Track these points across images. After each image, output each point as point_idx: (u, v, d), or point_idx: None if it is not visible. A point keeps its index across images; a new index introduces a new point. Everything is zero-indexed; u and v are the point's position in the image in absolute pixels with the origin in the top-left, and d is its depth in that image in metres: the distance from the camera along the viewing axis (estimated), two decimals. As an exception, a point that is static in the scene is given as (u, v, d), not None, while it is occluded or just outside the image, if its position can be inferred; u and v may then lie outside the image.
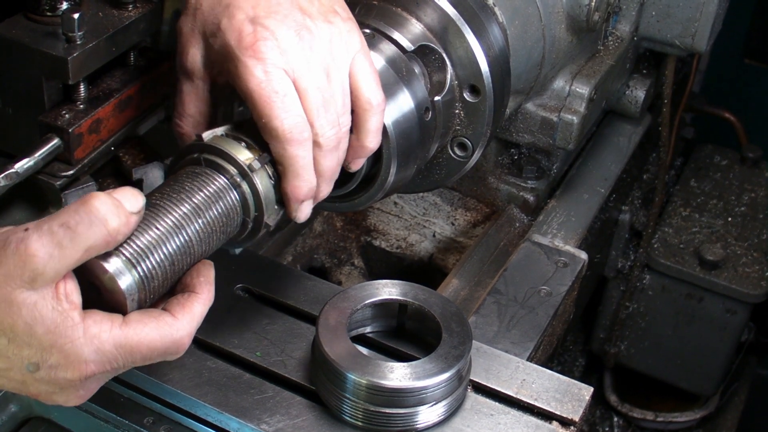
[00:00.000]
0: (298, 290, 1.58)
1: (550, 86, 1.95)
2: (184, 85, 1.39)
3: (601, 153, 2.27)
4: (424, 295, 1.46)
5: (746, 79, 3.31)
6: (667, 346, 2.80)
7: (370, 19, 1.56)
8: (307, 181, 1.31)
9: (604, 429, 3.01)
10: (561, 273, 1.76)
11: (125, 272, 1.14)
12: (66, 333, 1.10)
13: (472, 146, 1.65)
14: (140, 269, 1.15)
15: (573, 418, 1.40)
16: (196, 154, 1.28)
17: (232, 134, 1.31)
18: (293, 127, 1.27)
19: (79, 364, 1.12)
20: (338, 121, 1.32)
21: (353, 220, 2.20)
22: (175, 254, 1.19)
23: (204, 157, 1.27)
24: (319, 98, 1.30)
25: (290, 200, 1.32)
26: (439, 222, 2.15)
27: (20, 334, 1.09)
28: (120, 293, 1.14)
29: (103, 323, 1.13)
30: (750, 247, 2.70)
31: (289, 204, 1.33)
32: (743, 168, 2.97)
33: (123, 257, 1.14)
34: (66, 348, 1.10)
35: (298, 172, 1.30)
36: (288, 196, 1.32)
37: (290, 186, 1.31)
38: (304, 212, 1.35)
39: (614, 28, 2.14)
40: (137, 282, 1.15)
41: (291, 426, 1.36)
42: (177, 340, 1.18)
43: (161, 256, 1.17)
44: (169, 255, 1.18)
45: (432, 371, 1.34)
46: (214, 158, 1.27)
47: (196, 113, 1.39)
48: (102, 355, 1.12)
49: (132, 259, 1.14)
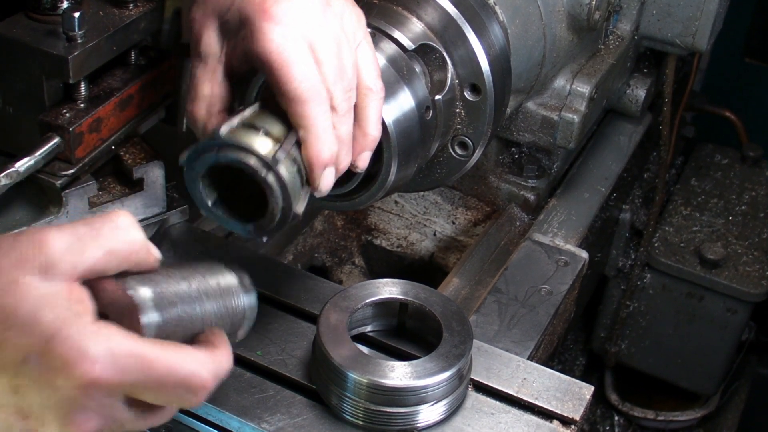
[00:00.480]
0: (299, 289, 1.58)
1: (550, 85, 1.95)
2: (198, 68, 1.36)
3: (602, 152, 2.27)
4: (425, 294, 1.46)
5: (747, 78, 3.31)
6: (668, 345, 2.80)
7: (370, 18, 1.56)
8: (329, 144, 1.29)
9: (604, 428, 3.01)
10: (562, 272, 1.76)
11: (149, 306, 1.07)
12: (75, 324, 0.98)
13: (472, 145, 1.65)
14: (164, 313, 1.09)
15: (574, 417, 1.40)
16: (215, 150, 1.24)
17: (248, 123, 1.28)
18: (312, 87, 1.26)
19: (83, 360, 0.97)
20: (349, 91, 1.33)
21: (354, 219, 2.20)
22: (194, 314, 1.13)
23: (222, 154, 1.23)
24: (334, 65, 1.30)
25: (314, 167, 1.29)
26: (439, 221, 2.15)
27: (22, 319, 0.97)
28: (137, 320, 1.05)
29: (120, 331, 1.01)
30: (751, 246, 2.69)
31: (312, 173, 1.30)
32: (744, 167, 2.96)
33: (150, 291, 1.07)
34: (72, 338, 0.97)
35: (320, 134, 1.28)
36: (312, 163, 1.29)
37: (313, 150, 1.28)
38: (327, 181, 1.32)
39: (615, 27, 2.13)
40: (158, 322, 1.08)
41: (292, 425, 1.36)
42: (200, 374, 1.05)
43: (184, 310, 1.11)
44: (189, 314, 1.12)
45: (433, 370, 1.34)
46: (233, 154, 1.23)
47: (209, 95, 1.35)
48: (112, 357, 0.99)
49: (156, 298, 1.08)
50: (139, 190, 1.63)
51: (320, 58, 1.29)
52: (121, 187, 1.63)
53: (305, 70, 1.27)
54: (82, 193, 1.55)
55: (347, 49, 1.33)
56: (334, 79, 1.30)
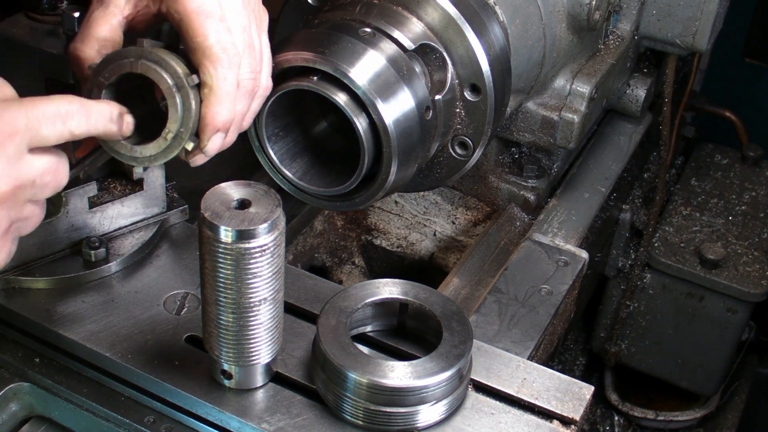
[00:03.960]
0: (299, 289, 1.58)
1: (550, 85, 1.95)
2: (97, 11, 1.37)
3: (602, 152, 2.27)
4: (425, 294, 1.46)
5: (747, 78, 3.31)
6: (668, 345, 2.80)
7: (370, 18, 1.56)
8: (228, 110, 1.34)
9: (604, 428, 3.01)
10: (562, 272, 1.76)
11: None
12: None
13: (472, 145, 1.65)
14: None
15: (574, 417, 1.40)
16: (133, 58, 1.29)
17: (162, 51, 1.32)
18: (228, 48, 1.32)
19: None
20: (255, 72, 1.38)
21: (354, 219, 2.20)
22: None
23: (142, 62, 1.29)
24: (246, 39, 1.35)
25: (207, 127, 1.33)
26: (439, 221, 2.15)
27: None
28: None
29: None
30: (750, 246, 2.70)
31: (204, 132, 1.34)
32: (744, 167, 2.97)
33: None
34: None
35: (223, 97, 1.32)
36: (206, 122, 1.33)
37: (212, 111, 1.33)
38: (214, 145, 1.36)
39: (615, 27, 2.13)
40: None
41: (291, 425, 1.36)
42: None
43: None
44: None
45: (433, 370, 1.34)
46: (153, 66, 1.29)
47: (103, 38, 1.36)
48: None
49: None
50: (139, 190, 1.63)
51: (231, 26, 1.34)
52: (121, 187, 1.63)
53: (222, 31, 1.32)
54: (82, 193, 1.56)
55: (256, 30, 1.39)
56: (244, 50, 1.35)
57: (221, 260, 1.24)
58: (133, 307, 1.51)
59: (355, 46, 1.49)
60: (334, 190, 1.58)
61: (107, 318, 1.50)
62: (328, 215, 2.18)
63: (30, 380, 1.47)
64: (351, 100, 1.47)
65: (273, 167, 1.61)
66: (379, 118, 1.46)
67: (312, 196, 1.62)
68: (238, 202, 1.25)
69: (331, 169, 1.64)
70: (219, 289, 1.27)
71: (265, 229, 1.23)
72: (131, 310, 1.51)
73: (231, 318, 1.29)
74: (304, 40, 1.51)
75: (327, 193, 1.59)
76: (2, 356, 1.49)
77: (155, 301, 1.53)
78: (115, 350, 1.45)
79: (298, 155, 1.64)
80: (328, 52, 1.47)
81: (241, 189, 1.27)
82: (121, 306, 1.51)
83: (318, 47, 1.48)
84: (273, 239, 1.24)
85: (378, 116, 1.46)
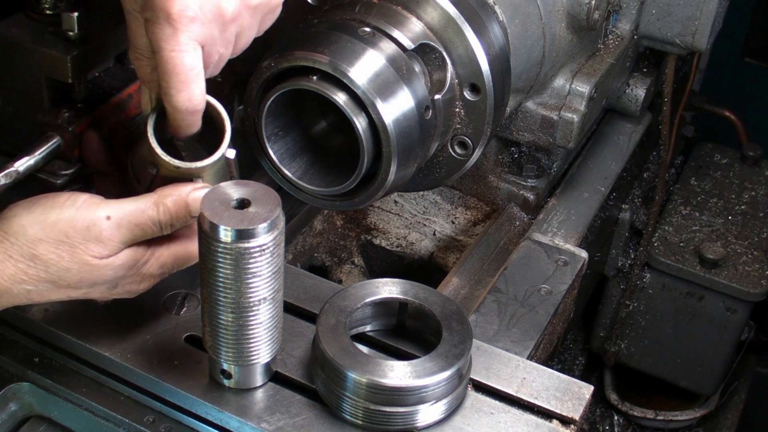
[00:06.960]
0: (298, 289, 1.58)
1: (550, 85, 1.95)
2: (130, 21, 1.36)
3: (602, 151, 2.27)
4: (425, 293, 1.46)
5: (746, 78, 3.31)
6: (668, 345, 2.80)
7: (370, 17, 1.56)
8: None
9: (604, 427, 3.01)
10: (561, 271, 1.76)
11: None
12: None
13: (472, 145, 1.65)
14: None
15: (573, 417, 1.40)
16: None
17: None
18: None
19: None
20: (227, 45, 1.36)
21: (353, 218, 2.20)
22: None
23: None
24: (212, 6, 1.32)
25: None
26: (439, 220, 2.15)
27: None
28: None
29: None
30: (750, 246, 2.70)
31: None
32: (743, 167, 2.97)
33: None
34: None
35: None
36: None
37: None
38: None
39: (614, 26, 2.13)
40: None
41: (291, 425, 1.36)
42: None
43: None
44: None
45: (432, 370, 1.34)
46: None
47: (146, 45, 1.35)
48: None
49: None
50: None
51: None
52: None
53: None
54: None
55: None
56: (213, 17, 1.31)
57: (221, 260, 1.24)
58: (132, 306, 1.51)
59: (354, 45, 1.49)
60: (333, 190, 1.58)
61: (107, 318, 1.50)
62: (328, 215, 2.18)
63: (29, 380, 1.48)
64: (350, 99, 1.47)
65: (272, 167, 1.61)
66: (378, 118, 1.46)
67: (311, 196, 1.62)
68: (238, 202, 1.25)
69: (330, 168, 1.64)
70: (218, 289, 1.27)
71: (265, 228, 1.23)
72: (131, 309, 1.51)
73: (230, 318, 1.30)
74: (303, 40, 1.51)
75: (326, 193, 1.59)
76: (2, 356, 1.49)
77: (155, 300, 1.53)
78: (115, 350, 1.45)
79: (297, 155, 1.64)
80: (327, 52, 1.47)
81: (241, 189, 1.27)
82: (120, 306, 1.51)
83: (317, 47, 1.48)
84: (272, 239, 1.24)
85: (377, 116, 1.46)
